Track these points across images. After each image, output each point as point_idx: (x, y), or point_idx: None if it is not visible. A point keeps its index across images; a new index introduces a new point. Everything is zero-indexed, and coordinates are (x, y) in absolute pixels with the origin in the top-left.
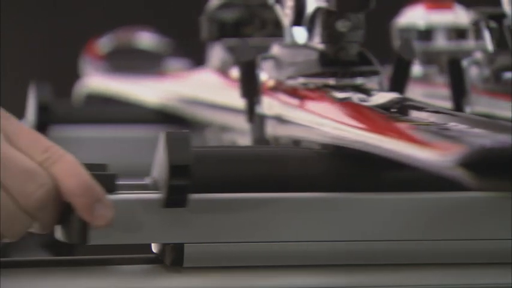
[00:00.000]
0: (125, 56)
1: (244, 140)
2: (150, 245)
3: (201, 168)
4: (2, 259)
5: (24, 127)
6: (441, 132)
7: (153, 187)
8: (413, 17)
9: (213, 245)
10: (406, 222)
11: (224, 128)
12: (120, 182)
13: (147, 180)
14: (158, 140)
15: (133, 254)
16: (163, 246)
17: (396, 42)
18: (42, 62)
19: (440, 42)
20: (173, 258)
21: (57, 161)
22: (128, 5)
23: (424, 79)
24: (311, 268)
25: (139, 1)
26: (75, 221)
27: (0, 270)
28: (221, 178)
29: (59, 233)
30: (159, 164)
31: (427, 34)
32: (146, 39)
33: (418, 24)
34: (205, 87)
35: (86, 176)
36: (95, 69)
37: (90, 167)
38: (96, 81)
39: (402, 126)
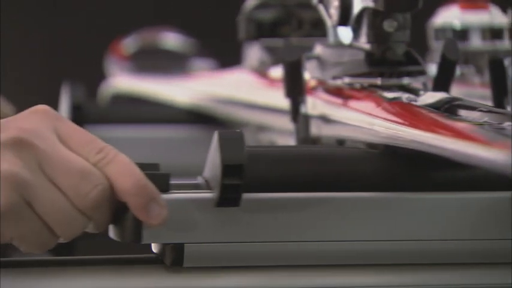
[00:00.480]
0: (150, 56)
1: (284, 139)
2: (150, 245)
3: (254, 167)
4: (2, 259)
5: (78, 128)
6: (501, 132)
7: (205, 186)
8: (449, 17)
9: (213, 245)
10: (461, 221)
11: (261, 128)
12: (173, 182)
13: (199, 180)
14: (211, 139)
15: (133, 254)
16: (164, 246)
17: (432, 43)
18: (66, 62)
19: (476, 42)
20: (173, 258)
21: (111, 161)
22: (152, 5)
23: (461, 79)
24: (314, 268)
25: (163, 1)
26: (129, 220)
27: (0, 270)
28: (275, 178)
29: (112, 232)
30: (212, 164)
31: (462, 34)
32: (171, 39)
33: (453, 24)
34: (241, 87)
35: (140, 175)
36: (120, 69)
37: (143, 167)
38: (122, 81)
39: (460, 125)
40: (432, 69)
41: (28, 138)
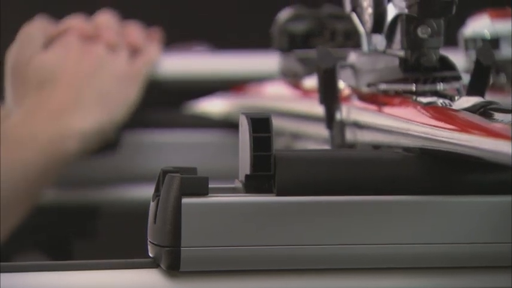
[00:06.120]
0: None
1: (319, 147)
2: (147, 249)
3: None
4: (1, 263)
5: None
6: None
7: (243, 190)
8: (479, 26)
9: (210, 249)
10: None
11: (296, 136)
12: (211, 186)
13: (236, 183)
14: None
15: (130, 258)
16: (160, 250)
17: (463, 52)
18: None
19: (507, 50)
20: (170, 262)
21: None
22: (182, 19)
23: (492, 87)
24: (314, 272)
25: (195, 14)
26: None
27: (0, 273)
28: (311, 181)
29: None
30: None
31: (493, 43)
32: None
33: (483, 33)
34: (276, 97)
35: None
36: None
37: (181, 170)
38: None
39: (497, 126)
40: (464, 78)
41: None
